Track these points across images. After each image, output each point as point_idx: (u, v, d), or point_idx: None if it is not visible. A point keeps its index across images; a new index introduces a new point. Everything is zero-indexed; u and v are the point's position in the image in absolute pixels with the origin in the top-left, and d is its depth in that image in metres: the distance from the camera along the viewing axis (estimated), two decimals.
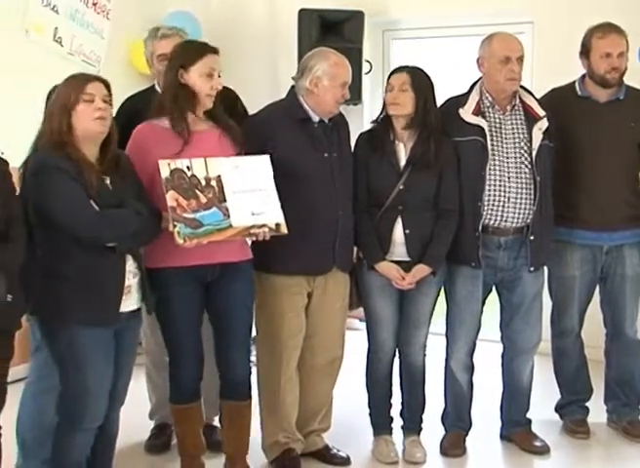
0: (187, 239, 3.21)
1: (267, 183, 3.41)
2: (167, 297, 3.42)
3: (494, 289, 4.08)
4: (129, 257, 3.16)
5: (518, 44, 3.89)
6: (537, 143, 3.87)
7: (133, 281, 3.17)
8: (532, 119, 3.91)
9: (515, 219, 3.88)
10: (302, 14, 5.67)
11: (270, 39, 6.11)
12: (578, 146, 4.07)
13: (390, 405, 4.13)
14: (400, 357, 4.06)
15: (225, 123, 3.52)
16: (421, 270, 3.81)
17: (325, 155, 3.73)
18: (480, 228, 3.87)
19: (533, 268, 3.94)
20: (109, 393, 3.20)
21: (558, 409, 4.42)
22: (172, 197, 3.23)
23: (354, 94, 5.57)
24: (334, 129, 3.81)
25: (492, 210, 3.87)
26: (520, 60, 3.86)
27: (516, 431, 4.18)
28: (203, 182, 3.30)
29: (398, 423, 4.15)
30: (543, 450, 4.09)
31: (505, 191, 3.86)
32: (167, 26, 4.11)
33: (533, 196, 3.87)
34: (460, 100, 3.95)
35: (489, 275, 3.96)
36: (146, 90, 4.18)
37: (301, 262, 3.70)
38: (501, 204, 3.86)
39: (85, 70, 3.32)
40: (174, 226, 3.21)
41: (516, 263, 3.96)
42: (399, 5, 6.02)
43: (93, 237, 3.04)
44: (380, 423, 4.13)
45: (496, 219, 3.88)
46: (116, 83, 3.16)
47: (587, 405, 4.38)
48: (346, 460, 4.01)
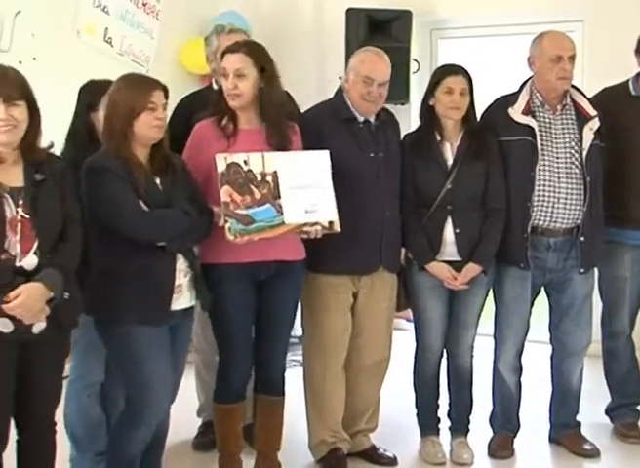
0: (238, 235, 3.21)
1: (324, 180, 3.37)
2: (220, 294, 3.42)
3: (543, 290, 4.05)
4: (179, 256, 3.17)
5: (570, 42, 3.85)
6: (587, 143, 3.83)
7: (184, 280, 3.19)
8: (583, 119, 3.87)
9: (565, 220, 3.84)
10: (350, 13, 5.67)
11: (318, 38, 6.12)
12: (630, 146, 4.02)
13: (438, 405, 4.11)
14: (448, 358, 4.04)
15: (273, 123, 3.46)
16: (473, 269, 3.79)
17: (371, 155, 3.73)
18: (529, 229, 3.84)
19: (583, 270, 3.90)
20: None
21: (608, 412, 4.37)
22: (226, 192, 3.23)
23: (401, 93, 5.60)
24: (380, 128, 3.80)
25: (541, 210, 3.83)
26: (572, 59, 3.82)
27: (565, 434, 4.14)
28: (259, 177, 3.28)
29: (445, 424, 4.13)
30: (593, 454, 4.04)
31: (555, 192, 3.82)
32: (232, 24, 4.11)
33: (583, 197, 3.82)
34: (510, 100, 3.91)
35: (538, 276, 3.92)
36: (203, 89, 4.20)
37: (347, 262, 3.70)
38: (551, 204, 3.82)
39: (134, 70, 3.34)
40: (225, 222, 3.21)
41: (566, 265, 3.92)
42: (447, 4, 6.00)
43: (141, 236, 3.07)
44: (428, 424, 4.11)
45: (545, 220, 3.84)
46: (166, 83, 3.18)
47: (639, 408, 4.31)
48: (393, 461, 4.00)
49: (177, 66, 5.87)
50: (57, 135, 3.04)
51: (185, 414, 4.16)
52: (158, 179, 3.15)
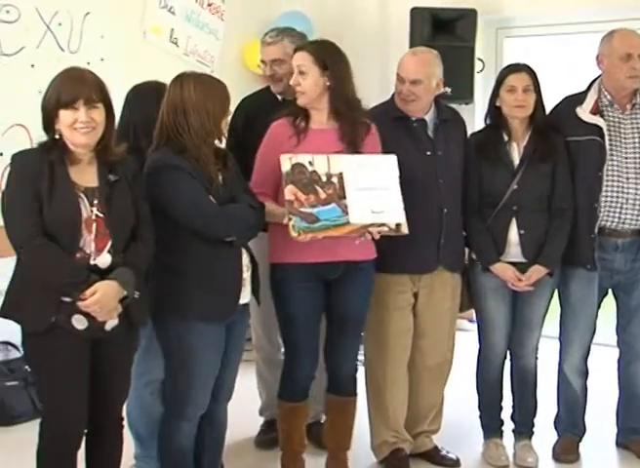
0: (302, 232, 3.22)
1: (391, 183, 3.36)
2: (287, 293, 3.45)
3: (610, 292, 3.98)
4: (243, 251, 3.21)
5: None
6: None
7: (247, 274, 3.22)
8: None
9: (633, 221, 3.79)
10: (414, 12, 5.65)
11: (382, 38, 6.11)
12: None
13: (501, 408, 4.07)
14: (512, 359, 4.00)
15: (347, 123, 3.47)
16: (538, 271, 3.74)
17: (428, 153, 3.71)
18: (596, 230, 3.79)
19: None
20: (218, 387, 3.25)
21: None
22: (290, 191, 3.25)
23: (465, 93, 5.57)
24: (441, 127, 3.78)
25: (609, 211, 3.78)
26: None
27: (633, 438, 4.07)
28: (324, 178, 3.29)
29: (509, 427, 4.09)
30: None
31: (624, 192, 3.76)
32: (275, 31, 4.11)
33: None
34: (578, 99, 3.87)
35: (605, 278, 3.87)
36: (262, 90, 4.22)
37: (406, 261, 3.68)
38: (619, 205, 3.76)
39: (199, 70, 3.37)
40: (289, 219, 3.23)
41: (634, 266, 3.85)
42: (513, 2, 5.94)
43: (215, 233, 3.09)
44: (491, 426, 4.08)
45: (613, 221, 3.79)
46: (229, 83, 3.21)
47: None
48: (456, 462, 3.98)
49: (241, 66, 5.90)
50: None
51: (247, 412, 4.19)
52: (220, 175, 3.19)
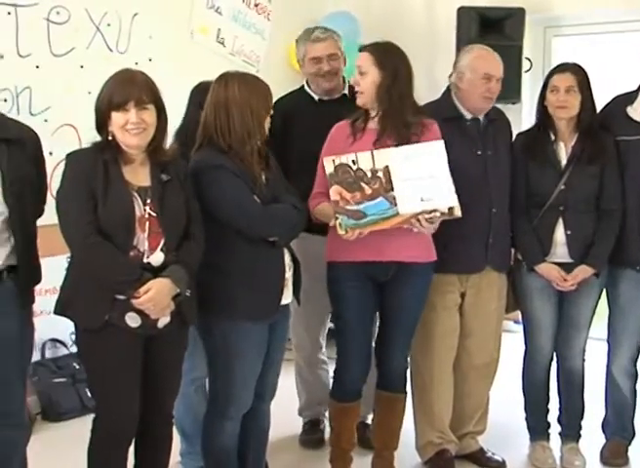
0: (349, 229, 3.24)
1: (441, 169, 3.31)
2: (338, 292, 3.48)
3: None
4: (285, 250, 3.22)
5: None
6: None
7: (289, 273, 3.24)
8: None
9: None
10: (461, 12, 5.63)
11: (429, 38, 6.08)
12: None
13: (548, 410, 4.04)
14: (558, 361, 3.97)
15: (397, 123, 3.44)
16: (584, 271, 3.71)
17: (478, 153, 3.70)
18: None
19: None
20: (261, 386, 3.27)
21: None
22: (335, 191, 3.27)
23: (513, 92, 5.52)
24: (489, 126, 3.77)
25: None
26: None
27: None
28: (369, 174, 3.29)
29: (556, 429, 4.06)
30: None
31: None
32: (320, 29, 4.12)
33: None
34: (629, 98, 3.82)
35: None
36: (297, 90, 4.22)
37: (453, 261, 3.67)
38: None
39: (245, 70, 3.39)
40: (336, 218, 3.25)
41: None
42: (562, 0, 5.87)
43: (258, 233, 3.11)
44: (537, 428, 4.05)
45: None
46: (275, 83, 3.23)
47: None
48: (502, 464, 3.96)
49: (287, 66, 5.91)
50: (172, 134, 3.09)
51: (288, 411, 4.21)
52: (263, 175, 3.20)
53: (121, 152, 2.92)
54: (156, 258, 2.90)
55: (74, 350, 4.55)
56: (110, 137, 2.90)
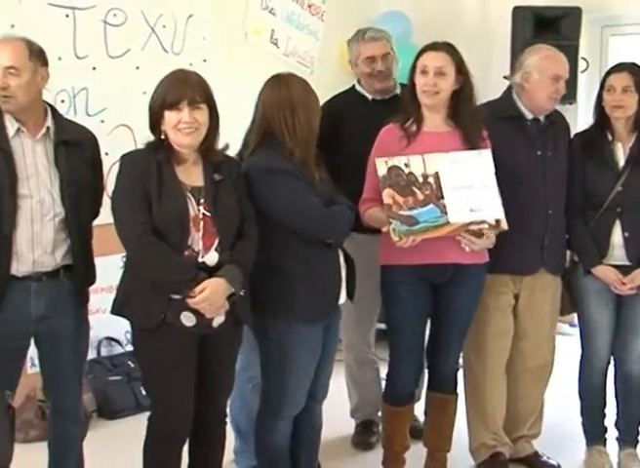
0: (403, 236, 3.23)
1: (488, 179, 3.34)
2: (393, 296, 3.48)
3: None
4: (339, 250, 3.23)
5: None
6: None
7: (343, 274, 3.24)
8: None
9: None
10: (517, 11, 5.57)
11: (483, 38, 6.04)
12: None
13: (604, 414, 3.98)
14: (615, 365, 3.91)
15: (469, 124, 3.45)
16: None
17: (538, 153, 3.67)
18: None
19: None
20: (315, 386, 3.27)
21: None
22: (388, 194, 3.26)
23: (569, 92, 5.41)
24: (550, 127, 3.73)
25: None
26: None
27: None
28: (420, 179, 3.29)
29: (613, 434, 3.99)
30: None
31: None
32: (373, 29, 4.12)
33: None
34: None
35: None
36: (346, 91, 4.21)
37: (508, 262, 3.63)
38: None
39: (298, 71, 3.40)
40: (389, 223, 3.24)
41: None
42: None
43: (321, 236, 3.13)
44: (594, 433, 3.99)
45: None
46: (328, 84, 3.25)
47: None
48: None
49: (340, 67, 5.89)
50: (226, 135, 3.11)
51: (339, 412, 4.20)
52: (317, 175, 3.22)
53: (174, 152, 2.95)
54: (211, 258, 2.91)
55: (129, 349, 4.60)
56: (163, 137, 2.93)
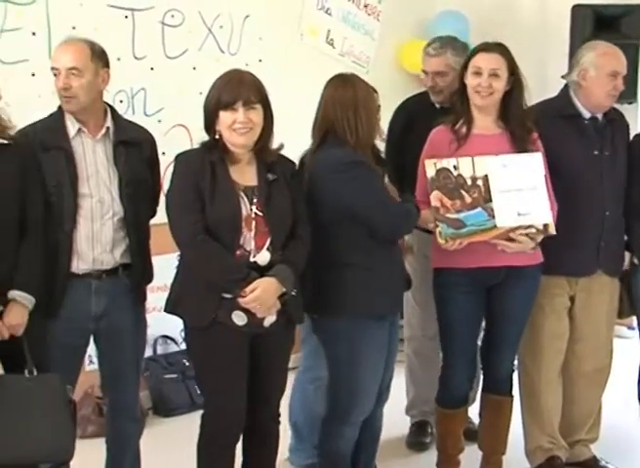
0: (449, 239, 3.24)
1: (537, 182, 3.33)
2: (447, 299, 3.47)
3: None
4: None
5: None
6: None
7: None
8: None
9: None
10: (576, 10, 5.50)
11: (540, 37, 5.97)
12: None
13: None
14: None
15: (518, 126, 3.44)
16: None
17: (595, 153, 3.62)
18: None
19: None
20: (379, 389, 3.28)
21: None
22: (435, 197, 3.27)
23: (628, 92, 5.34)
24: (608, 126, 3.68)
25: None
26: None
27: None
28: (469, 182, 3.28)
29: None
30: None
31: None
32: (438, 43, 4.07)
33: None
34: None
35: None
36: (421, 93, 4.20)
37: (563, 263, 3.60)
38: None
39: (354, 71, 3.40)
40: (435, 226, 3.24)
41: None
42: None
43: (395, 231, 3.18)
44: None
45: None
46: (385, 83, 3.25)
47: None
48: None
49: (396, 67, 5.89)
50: (280, 134, 3.12)
51: (397, 411, 4.17)
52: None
53: (228, 152, 2.97)
54: (262, 258, 2.93)
55: (184, 347, 4.61)
56: (217, 137, 2.95)
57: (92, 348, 3.27)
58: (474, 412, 3.88)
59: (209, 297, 2.90)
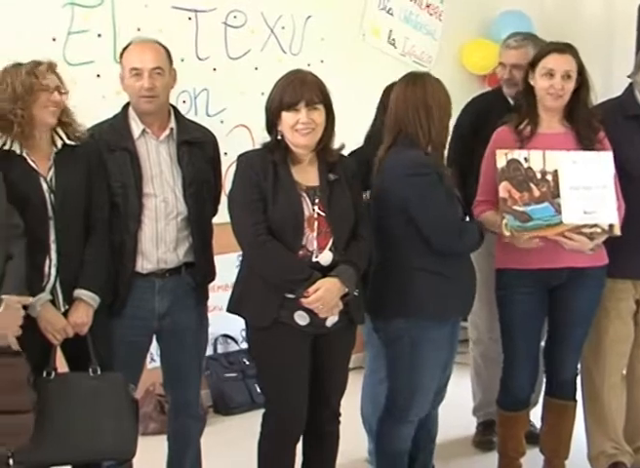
0: (515, 232, 3.20)
1: (606, 181, 3.28)
2: (508, 299, 3.44)
3: None
4: None
5: None
6: None
7: None
8: None
9: None
10: None
11: (605, 37, 5.89)
12: None
13: None
14: None
15: (584, 125, 3.40)
16: None
17: None
18: None
19: None
20: (437, 389, 3.27)
21: None
22: (504, 188, 3.23)
23: None
24: None
25: None
26: None
27: None
28: (538, 175, 3.24)
29: None
30: None
31: None
32: (520, 36, 4.07)
33: None
34: None
35: None
36: (491, 92, 4.17)
37: (629, 266, 3.54)
38: None
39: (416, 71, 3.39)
40: (502, 218, 3.21)
41: None
42: None
43: (447, 250, 3.14)
44: None
45: None
46: (446, 84, 3.21)
47: None
48: None
49: (458, 67, 5.86)
50: (342, 135, 3.12)
51: (463, 412, 4.21)
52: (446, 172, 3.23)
53: (290, 152, 2.97)
54: (325, 258, 2.93)
55: (244, 346, 4.66)
56: (279, 137, 2.95)
57: (154, 346, 3.30)
58: (537, 415, 3.84)
59: (271, 297, 2.91)
